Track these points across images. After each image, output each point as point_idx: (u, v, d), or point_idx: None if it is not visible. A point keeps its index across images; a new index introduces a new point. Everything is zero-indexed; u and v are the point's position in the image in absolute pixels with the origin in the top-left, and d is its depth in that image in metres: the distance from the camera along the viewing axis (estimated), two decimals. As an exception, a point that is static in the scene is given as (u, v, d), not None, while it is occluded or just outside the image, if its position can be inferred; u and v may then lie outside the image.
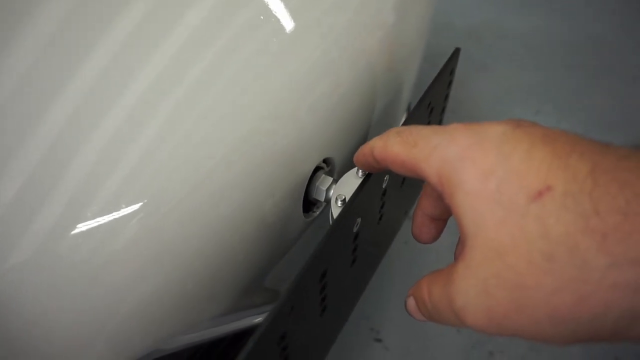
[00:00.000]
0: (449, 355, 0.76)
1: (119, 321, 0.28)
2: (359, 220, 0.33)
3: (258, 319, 0.43)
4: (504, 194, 0.17)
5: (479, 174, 0.18)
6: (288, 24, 0.34)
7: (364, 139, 0.44)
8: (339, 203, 0.33)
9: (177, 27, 0.30)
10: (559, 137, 0.18)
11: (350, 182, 0.35)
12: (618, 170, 0.15)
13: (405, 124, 0.34)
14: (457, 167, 0.19)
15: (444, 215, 0.26)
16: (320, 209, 0.40)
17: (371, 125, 0.44)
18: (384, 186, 0.36)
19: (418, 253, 0.83)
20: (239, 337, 0.23)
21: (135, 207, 0.27)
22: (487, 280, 0.17)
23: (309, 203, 0.39)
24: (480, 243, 0.18)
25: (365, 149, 0.25)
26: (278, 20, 0.33)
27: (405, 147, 0.22)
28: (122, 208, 0.27)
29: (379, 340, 0.76)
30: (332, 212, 0.34)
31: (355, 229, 0.33)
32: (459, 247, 0.23)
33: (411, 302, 0.23)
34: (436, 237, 0.27)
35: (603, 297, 0.15)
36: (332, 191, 0.37)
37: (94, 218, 0.26)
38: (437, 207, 0.25)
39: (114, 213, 0.26)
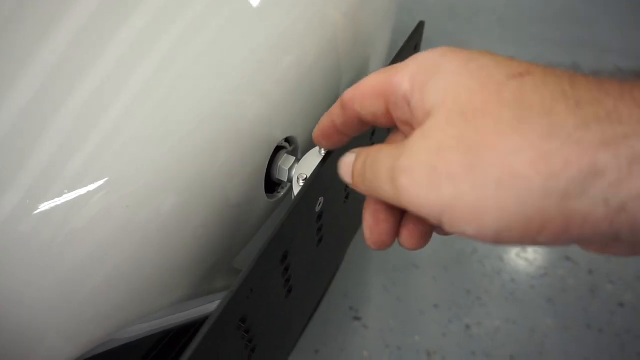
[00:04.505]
0: (427, 331, 0.76)
1: (73, 306, 0.27)
2: (321, 199, 0.32)
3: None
4: (484, 72, 0.18)
5: (460, 60, 0.19)
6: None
7: (330, 116, 0.43)
8: (301, 182, 0.33)
9: (142, 3, 0.29)
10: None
11: (312, 161, 0.34)
12: (593, 82, 0.16)
13: None
14: (437, 60, 0.19)
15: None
16: (285, 189, 0.39)
17: (337, 102, 0.44)
18: (347, 164, 0.35)
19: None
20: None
21: (96, 186, 0.26)
22: (444, 142, 0.17)
23: (272, 184, 0.38)
24: (447, 107, 0.18)
25: (325, 115, 0.25)
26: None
27: (381, 74, 0.21)
28: (83, 187, 0.26)
29: (358, 319, 0.77)
30: (294, 192, 0.33)
31: (317, 209, 0.32)
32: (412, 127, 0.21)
33: (349, 158, 0.22)
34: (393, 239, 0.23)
35: (565, 153, 0.15)
36: (294, 171, 0.36)
37: (54, 198, 0.25)
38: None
39: (74, 193, 0.26)
